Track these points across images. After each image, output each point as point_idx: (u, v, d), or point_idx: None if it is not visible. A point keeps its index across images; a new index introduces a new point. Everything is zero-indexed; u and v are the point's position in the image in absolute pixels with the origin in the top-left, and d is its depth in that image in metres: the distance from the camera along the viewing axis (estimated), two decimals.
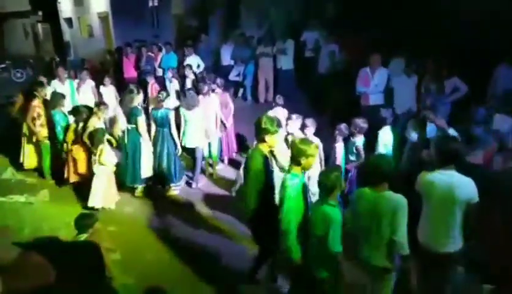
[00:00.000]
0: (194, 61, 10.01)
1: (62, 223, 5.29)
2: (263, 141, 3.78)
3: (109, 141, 6.16)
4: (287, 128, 5.41)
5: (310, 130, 5.24)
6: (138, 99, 6.17)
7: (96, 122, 6.11)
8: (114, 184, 6.10)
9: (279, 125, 4.23)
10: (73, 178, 6.42)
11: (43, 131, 6.81)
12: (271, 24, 12.14)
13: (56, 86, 8.07)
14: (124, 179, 6.36)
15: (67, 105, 7.13)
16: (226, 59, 10.81)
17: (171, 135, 6.33)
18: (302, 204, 3.41)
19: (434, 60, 6.79)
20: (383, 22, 8.21)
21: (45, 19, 22.62)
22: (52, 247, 2.74)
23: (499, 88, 6.43)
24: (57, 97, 6.85)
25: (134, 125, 6.10)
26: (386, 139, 5.38)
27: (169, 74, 9.33)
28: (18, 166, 7.28)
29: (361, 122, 5.28)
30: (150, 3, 16.47)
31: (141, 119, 6.08)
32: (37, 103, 6.82)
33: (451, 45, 7.03)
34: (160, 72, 10.17)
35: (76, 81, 8.57)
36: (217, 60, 11.15)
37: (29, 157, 7.17)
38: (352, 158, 5.45)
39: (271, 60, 10.24)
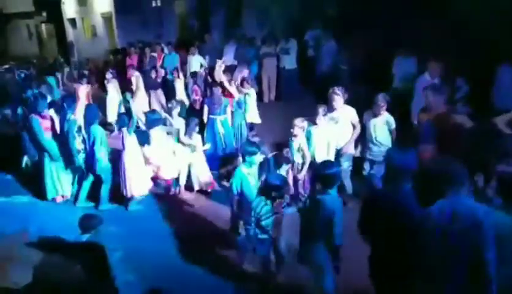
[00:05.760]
0: (197, 61, 10.02)
1: (66, 223, 5.29)
2: None
3: None
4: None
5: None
6: None
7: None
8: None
9: None
10: None
11: None
12: (273, 24, 12.14)
13: None
14: None
15: None
16: (229, 59, 10.79)
17: None
18: None
19: (439, 60, 6.71)
20: (384, 21, 8.19)
21: (48, 20, 22.69)
22: (57, 248, 2.75)
23: (502, 88, 6.40)
24: (95, 110, 6.09)
25: None
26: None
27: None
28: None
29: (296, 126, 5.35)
30: (154, 4, 16.49)
31: None
32: None
33: (454, 44, 7.00)
34: (162, 72, 10.22)
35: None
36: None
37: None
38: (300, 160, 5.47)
39: (274, 60, 10.24)
